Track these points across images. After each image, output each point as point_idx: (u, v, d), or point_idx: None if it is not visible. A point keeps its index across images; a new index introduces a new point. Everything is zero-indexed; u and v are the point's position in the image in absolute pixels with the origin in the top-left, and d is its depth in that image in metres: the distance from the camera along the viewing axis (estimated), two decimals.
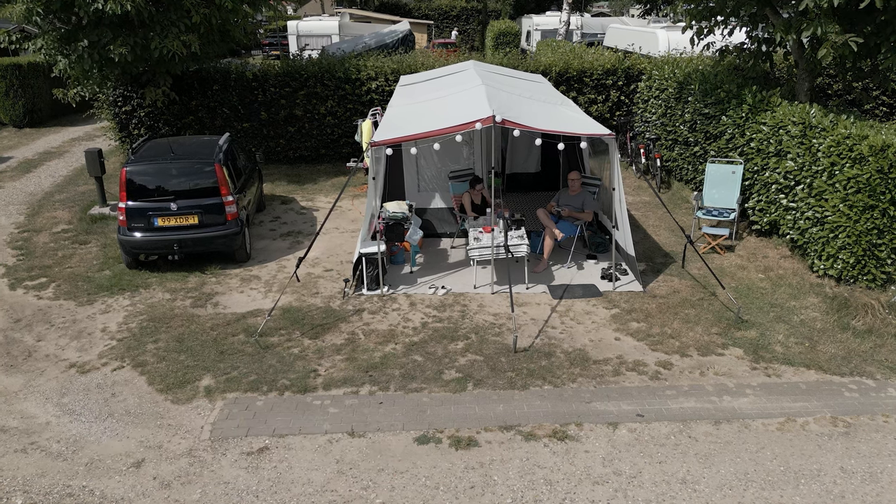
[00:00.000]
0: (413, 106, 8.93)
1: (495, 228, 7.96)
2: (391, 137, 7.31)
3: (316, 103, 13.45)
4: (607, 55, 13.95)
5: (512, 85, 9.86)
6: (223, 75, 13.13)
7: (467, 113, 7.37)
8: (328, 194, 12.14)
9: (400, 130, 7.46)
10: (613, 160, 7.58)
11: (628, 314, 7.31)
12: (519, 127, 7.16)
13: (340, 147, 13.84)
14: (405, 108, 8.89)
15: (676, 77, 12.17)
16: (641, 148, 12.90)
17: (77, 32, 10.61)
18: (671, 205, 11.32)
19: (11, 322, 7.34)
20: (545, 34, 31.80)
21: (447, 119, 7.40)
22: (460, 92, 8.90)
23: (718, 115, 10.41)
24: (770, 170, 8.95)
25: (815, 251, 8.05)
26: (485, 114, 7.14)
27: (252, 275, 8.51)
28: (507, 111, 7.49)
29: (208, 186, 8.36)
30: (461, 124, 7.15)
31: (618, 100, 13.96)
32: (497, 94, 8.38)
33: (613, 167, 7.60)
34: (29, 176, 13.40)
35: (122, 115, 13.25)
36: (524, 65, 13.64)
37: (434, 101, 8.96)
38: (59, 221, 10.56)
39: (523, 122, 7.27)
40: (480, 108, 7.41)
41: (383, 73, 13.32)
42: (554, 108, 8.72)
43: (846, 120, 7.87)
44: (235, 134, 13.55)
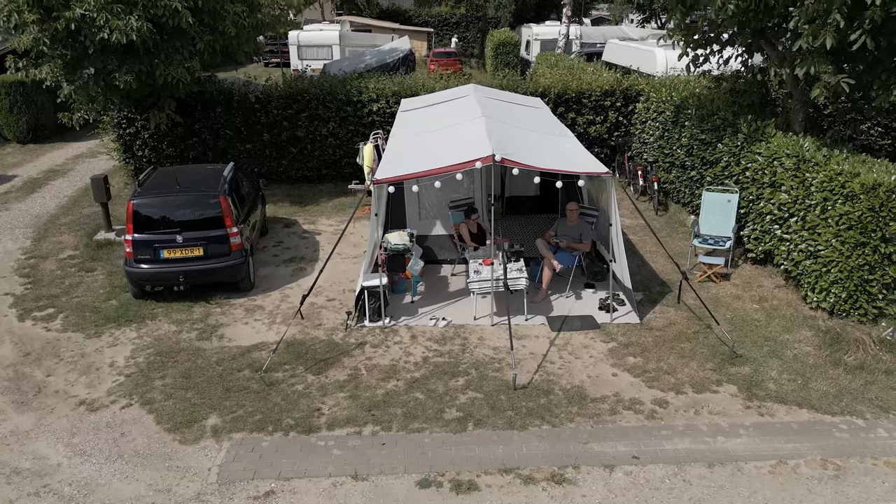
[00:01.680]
0: (414, 138, 9.08)
1: (495, 261, 8.12)
2: (393, 175, 7.47)
3: (318, 125, 13.61)
4: (605, 76, 14.10)
5: (511, 114, 10.02)
6: (226, 98, 13.29)
7: (468, 151, 7.52)
8: (330, 216, 12.30)
9: (401, 167, 7.62)
10: (611, 196, 7.74)
11: (625, 348, 7.46)
12: (518, 166, 7.32)
13: (342, 167, 14.00)
14: (406, 140, 9.05)
15: (674, 100, 12.33)
16: (639, 170, 13.07)
17: (82, 59, 10.76)
18: (668, 228, 11.48)
19: (21, 356, 7.50)
20: (545, 44, 31.98)
21: (448, 156, 7.56)
22: (461, 124, 9.07)
23: (715, 141, 10.57)
24: (765, 200, 9.11)
25: (808, 283, 8.21)
26: (485, 152, 7.29)
27: (256, 305, 8.66)
28: (506, 147, 7.66)
29: (213, 218, 8.52)
30: (461, 163, 7.31)
31: (616, 120, 14.11)
32: (496, 126, 8.54)
33: (611, 203, 7.76)
34: (34, 196, 13.55)
35: (126, 136, 13.42)
36: (523, 87, 13.80)
37: (435, 133, 9.12)
38: (65, 247, 10.72)
39: (522, 159, 7.44)
40: (480, 145, 7.57)
41: (384, 95, 13.48)
42: (553, 140, 8.89)
43: (839, 156, 8.03)
44: (238, 155, 13.71)
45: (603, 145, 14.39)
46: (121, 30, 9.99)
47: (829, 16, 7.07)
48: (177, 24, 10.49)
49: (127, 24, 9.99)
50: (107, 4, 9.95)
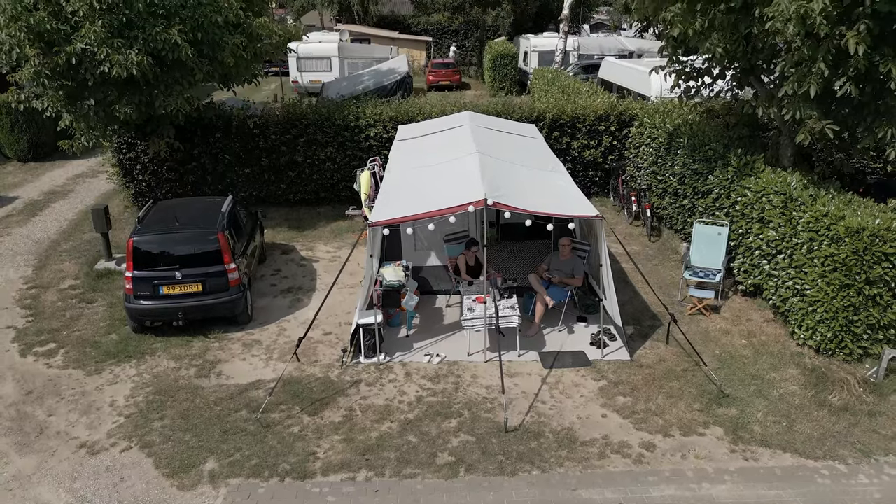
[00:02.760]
0: (410, 173, 9.24)
1: (488, 299, 8.27)
2: (388, 218, 7.63)
3: (316, 149, 13.78)
4: (599, 101, 14.25)
5: (505, 147, 10.18)
6: (225, 123, 13.45)
7: (461, 193, 7.68)
8: (327, 242, 12.45)
9: (396, 210, 7.78)
10: (601, 239, 7.90)
11: (615, 387, 7.61)
12: (510, 209, 7.48)
13: (340, 191, 14.16)
14: (402, 175, 9.20)
15: (667, 127, 12.50)
16: (633, 195, 13.23)
17: (83, 90, 10.92)
18: (661, 256, 11.64)
19: (23, 394, 7.65)
20: (543, 56, 32.17)
21: (441, 199, 7.72)
22: (456, 160, 9.22)
23: (706, 172, 10.73)
24: (754, 235, 9.27)
25: (795, 320, 8.36)
26: (477, 196, 7.46)
27: (253, 339, 8.82)
28: (499, 188, 7.83)
29: (212, 254, 8.67)
30: (455, 206, 7.48)
31: (610, 144, 14.28)
32: (490, 164, 8.70)
33: (601, 246, 7.92)
34: (35, 220, 13.71)
35: (125, 161, 13.57)
36: (519, 112, 13.96)
37: (430, 168, 9.28)
38: (66, 276, 10.87)
39: (514, 201, 7.60)
40: (473, 187, 7.73)
41: (381, 120, 13.64)
42: (545, 177, 9.05)
43: (825, 196, 8.19)
44: (237, 179, 13.87)
45: (598, 169, 14.57)
46: (121, 64, 10.15)
47: (814, 64, 7.23)
48: (176, 56, 10.67)
49: (127, 59, 10.16)
50: (107, 39, 10.11)
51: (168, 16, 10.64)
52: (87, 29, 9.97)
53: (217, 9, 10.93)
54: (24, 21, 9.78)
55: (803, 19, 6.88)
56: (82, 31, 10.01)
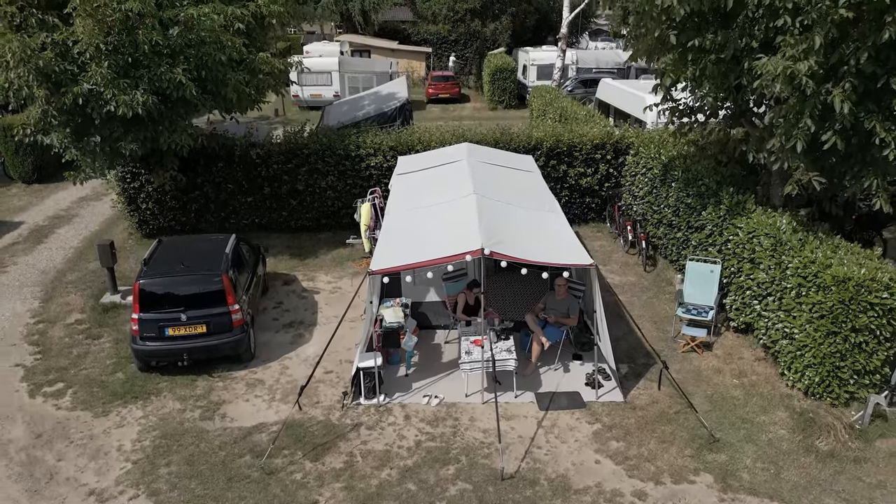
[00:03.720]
0: (408, 216, 9.45)
1: (485, 341, 8.48)
2: (387, 267, 7.86)
3: (317, 177, 14.01)
4: (596, 131, 14.45)
5: (501, 185, 10.41)
6: (228, 153, 13.67)
7: (459, 241, 7.90)
8: (328, 271, 12.67)
9: (395, 258, 8.00)
10: (594, 287, 8.12)
11: (609, 430, 7.83)
12: (506, 258, 7.71)
13: (341, 217, 14.38)
14: (401, 218, 9.41)
15: (661, 159, 12.73)
16: (629, 225, 13.45)
17: (88, 127, 11.14)
18: (655, 288, 11.85)
19: (33, 438, 7.86)
20: (542, 69, 32.43)
21: (440, 246, 7.94)
22: (453, 201, 9.45)
23: (699, 208, 10.95)
24: (745, 275, 9.49)
25: (784, 361, 8.58)
26: (474, 245, 7.68)
27: (256, 378, 9.03)
28: (496, 234, 8.07)
29: (216, 296, 8.89)
30: (453, 255, 7.70)
31: (607, 172, 14.51)
32: (487, 207, 8.94)
33: (594, 293, 8.14)
34: (40, 248, 13.92)
35: (130, 190, 13.80)
36: (517, 141, 14.17)
37: (428, 209, 9.51)
38: (72, 309, 11.09)
39: (510, 249, 7.83)
40: (471, 234, 7.95)
41: (381, 150, 13.87)
42: (541, 218, 9.27)
43: (812, 242, 8.41)
44: (239, 207, 14.09)
45: (594, 196, 14.80)
46: (127, 104, 10.38)
47: (801, 119, 7.46)
48: (181, 95, 10.90)
49: (133, 99, 10.39)
50: (113, 80, 10.34)
51: (173, 55, 10.88)
52: (93, 70, 10.21)
53: (220, 47, 11.16)
54: (33, 63, 10.02)
55: (790, 79, 7.11)
56: (89, 72, 10.26)
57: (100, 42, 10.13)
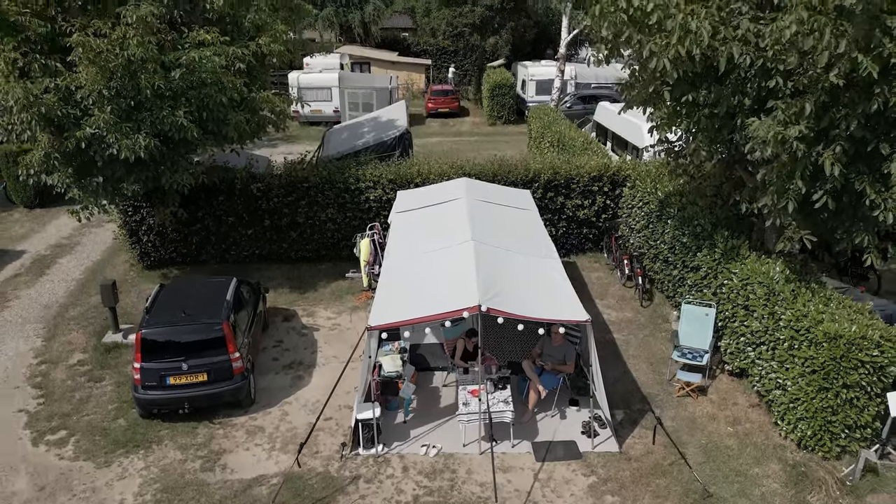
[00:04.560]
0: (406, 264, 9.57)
1: (482, 392, 8.60)
2: (386, 323, 7.99)
3: (317, 210, 14.13)
4: (593, 163, 14.56)
5: (499, 228, 10.54)
6: (229, 186, 13.80)
7: (456, 297, 8.03)
8: (328, 305, 12.79)
9: (393, 313, 8.12)
10: (590, 341, 8.24)
11: (604, 483, 7.94)
12: (503, 315, 7.84)
13: (340, 249, 14.50)
14: (399, 267, 9.52)
15: (658, 194, 12.85)
16: (626, 259, 13.57)
17: (91, 167, 11.27)
18: (652, 325, 11.97)
19: (36, 490, 7.98)
20: (541, 84, 32.58)
21: (438, 301, 8.08)
22: (451, 247, 9.59)
23: (695, 248, 11.08)
24: (739, 321, 9.60)
25: (777, 412, 8.70)
26: (472, 301, 7.82)
27: (256, 425, 9.15)
28: (494, 284, 8.23)
29: (217, 345, 9.02)
30: (450, 311, 7.84)
31: (604, 204, 14.63)
32: (484, 254, 9.09)
33: (590, 348, 8.26)
34: (42, 281, 14.04)
35: (131, 223, 13.92)
36: (515, 173, 14.28)
37: (427, 256, 9.64)
38: (74, 348, 11.21)
39: (508, 304, 7.96)
40: (468, 289, 8.08)
41: (380, 183, 13.99)
42: (538, 267, 9.38)
43: (805, 294, 8.53)
44: (240, 239, 14.21)
45: (591, 226, 14.92)
46: (129, 148, 10.52)
47: (792, 181, 7.58)
48: (182, 136, 11.04)
49: (135, 143, 10.53)
50: (116, 124, 10.47)
51: (175, 97, 11.02)
52: (97, 115, 10.34)
53: (221, 88, 11.29)
54: (37, 109, 10.15)
55: (781, 143, 7.24)
56: (92, 116, 10.39)
57: (102, 87, 10.27)
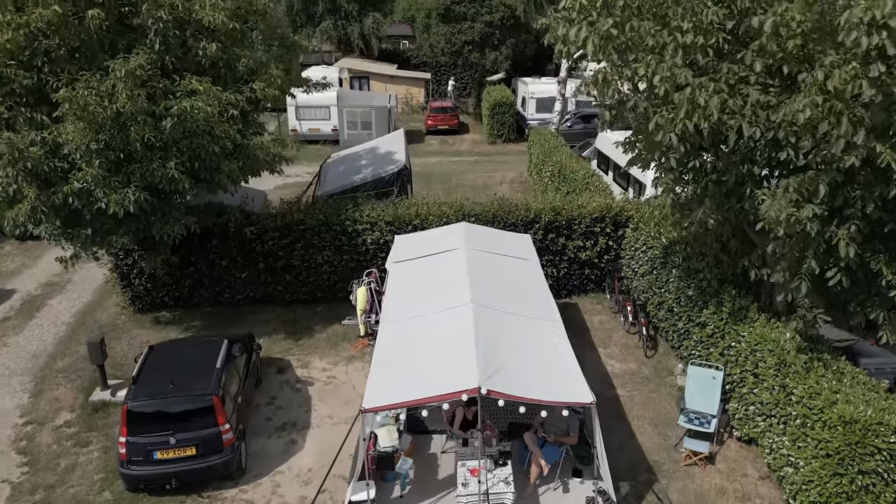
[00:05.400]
0: (403, 327, 9.25)
1: (482, 471, 8.26)
2: (381, 405, 7.67)
3: (313, 252, 13.81)
4: (595, 204, 14.22)
5: (500, 284, 10.24)
6: (222, 229, 13.48)
7: (455, 377, 7.70)
8: (323, 355, 12.47)
9: (390, 394, 7.80)
10: (595, 427, 7.91)
11: None
12: (503, 397, 7.52)
13: (336, 291, 14.17)
14: (394, 332, 9.20)
15: (662, 240, 12.53)
16: (629, 305, 13.23)
17: (79, 219, 10.95)
18: (657, 378, 11.64)
19: None
20: (541, 102, 32.26)
21: (434, 382, 7.75)
22: (449, 310, 9.27)
23: (700, 304, 10.75)
24: (748, 388, 9.27)
25: (789, 490, 8.36)
26: (471, 383, 7.49)
27: (247, 499, 8.82)
28: (493, 361, 7.90)
29: (206, 416, 8.69)
30: (448, 393, 7.51)
31: (606, 245, 14.31)
32: (484, 320, 8.78)
33: (595, 430, 7.94)
34: (31, 325, 13.71)
35: (123, 266, 13.60)
36: (515, 215, 13.95)
37: (424, 320, 9.32)
38: (61, 407, 10.88)
39: (508, 384, 7.63)
40: (467, 368, 7.75)
41: (378, 225, 13.67)
42: (540, 333, 9.04)
43: (818, 368, 8.20)
44: (234, 282, 13.89)
45: (593, 267, 14.59)
46: (118, 202, 10.20)
47: (805, 261, 7.26)
48: (173, 188, 10.72)
49: (124, 197, 10.21)
50: (104, 178, 10.16)
51: (165, 147, 10.70)
52: (84, 171, 10.02)
53: (214, 138, 10.98)
54: (22, 164, 9.84)
55: (794, 225, 6.92)
56: (80, 172, 10.07)
57: (90, 141, 9.96)
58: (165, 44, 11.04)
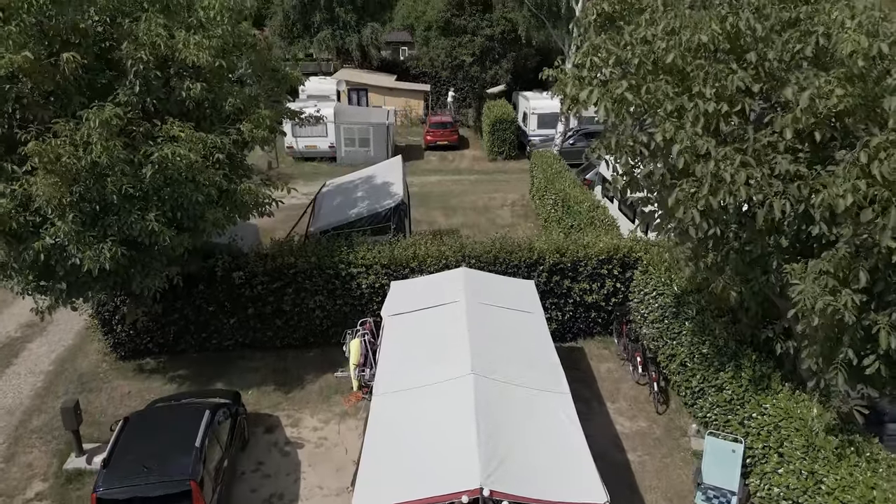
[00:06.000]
0: (399, 401, 8.56)
1: None
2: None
3: (305, 297, 13.13)
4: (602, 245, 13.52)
5: (503, 342, 9.60)
6: (209, 273, 12.79)
7: (453, 474, 7.01)
8: (315, 411, 11.77)
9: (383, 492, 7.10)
10: None
11: None
12: (508, 498, 6.84)
13: (329, 336, 13.48)
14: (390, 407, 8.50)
15: (673, 288, 11.84)
16: (638, 356, 12.53)
17: (52, 274, 10.27)
18: (669, 439, 10.94)
19: None
20: (542, 118, 31.60)
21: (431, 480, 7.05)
22: (448, 381, 8.61)
23: (716, 364, 10.07)
24: (772, 468, 8.59)
25: None
26: (472, 481, 6.81)
27: None
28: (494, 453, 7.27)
29: (184, 500, 8.00)
30: (446, 494, 6.83)
31: (613, 287, 13.62)
32: (485, 393, 8.12)
33: None
34: (9, 374, 12.99)
35: (104, 312, 12.91)
36: (517, 256, 13.26)
37: (420, 390, 8.65)
38: (34, 475, 10.17)
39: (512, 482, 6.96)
40: (467, 462, 7.07)
41: (374, 269, 12.99)
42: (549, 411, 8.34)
43: (851, 456, 7.52)
44: (221, 327, 13.20)
45: (600, 310, 13.90)
46: (92, 259, 9.52)
47: (840, 350, 6.57)
48: (154, 241, 10.05)
49: (99, 254, 9.53)
50: (78, 233, 9.48)
51: (145, 197, 10.03)
52: (57, 226, 9.35)
53: (197, 186, 10.31)
54: None
55: (831, 315, 6.23)
56: (52, 227, 9.40)
57: (63, 196, 9.28)
58: (146, 85, 10.38)
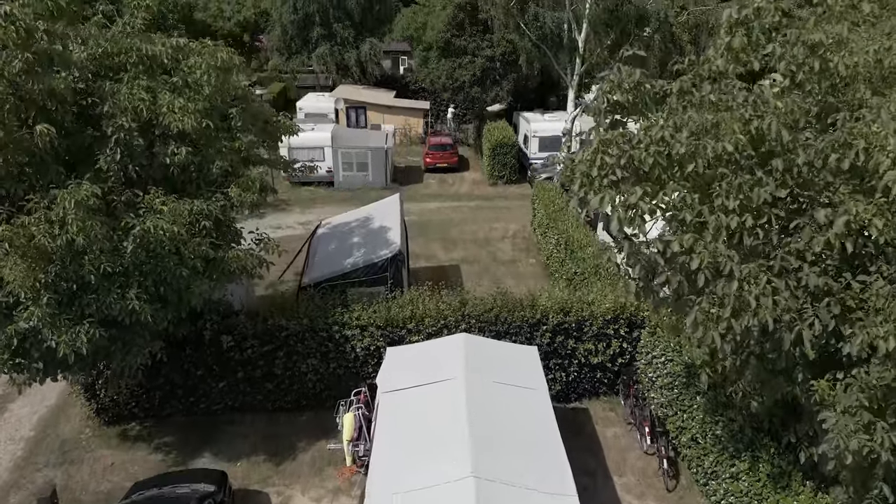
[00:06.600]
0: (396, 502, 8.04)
1: None
2: None
3: (297, 360, 12.56)
4: (608, 305, 12.94)
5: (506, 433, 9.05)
6: (197, 336, 12.22)
7: None
8: (307, 487, 11.23)
9: None
10: None
11: None
12: None
13: (323, 400, 12.89)
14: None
15: (683, 357, 11.27)
16: (646, 425, 11.94)
17: (27, 354, 9.69)
18: None
19: None
20: (543, 141, 31.00)
21: None
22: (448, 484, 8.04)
23: (731, 451, 9.50)
24: None
25: None
26: None
27: None
28: None
29: None
30: None
31: (620, 347, 13.05)
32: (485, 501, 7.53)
33: None
34: None
35: (88, 377, 12.34)
36: (520, 314, 12.69)
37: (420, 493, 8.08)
38: None
39: None
40: None
41: (369, 330, 12.41)
42: None
43: None
44: (210, 391, 12.62)
45: (606, 370, 13.33)
46: (68, 344, 8.97)
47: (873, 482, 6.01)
48: (135, 319, 9.49)
49: (76, 338, 8.97)
50: (53, 317, 8.92)
51: (126, 273, 9.48)
52: (29, 312, 8.80)
53: (181, 259, 9.76)
54: None
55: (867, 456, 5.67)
56: (26, 311, 8.85)
57: (36, 279, 8.72)
58: (128, 151, 9.85)
